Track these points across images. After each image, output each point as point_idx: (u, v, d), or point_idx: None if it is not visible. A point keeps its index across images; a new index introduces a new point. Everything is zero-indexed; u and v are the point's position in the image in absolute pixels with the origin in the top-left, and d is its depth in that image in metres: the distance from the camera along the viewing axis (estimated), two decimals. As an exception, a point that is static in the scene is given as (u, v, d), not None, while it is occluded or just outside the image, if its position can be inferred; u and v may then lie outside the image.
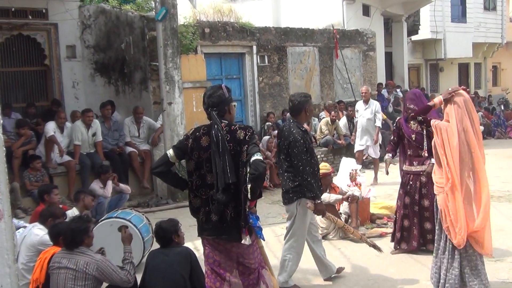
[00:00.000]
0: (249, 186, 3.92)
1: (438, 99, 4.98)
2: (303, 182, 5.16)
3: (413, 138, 6.24)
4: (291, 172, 5.30)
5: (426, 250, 6.36)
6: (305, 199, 5.25)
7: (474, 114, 4.93)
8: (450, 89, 5.04)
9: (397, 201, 6.64)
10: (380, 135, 11.29)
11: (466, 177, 4.84)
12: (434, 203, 5.20)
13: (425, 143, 6.10)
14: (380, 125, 11.16)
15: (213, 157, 4.01)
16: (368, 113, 11.11)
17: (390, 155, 6.69)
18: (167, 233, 4.82)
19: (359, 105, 11.43)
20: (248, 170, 3.94)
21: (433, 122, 4.96)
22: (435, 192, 5.11)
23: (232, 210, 4.06)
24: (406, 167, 6.42)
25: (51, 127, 9.24)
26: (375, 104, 11.20)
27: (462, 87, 5.11)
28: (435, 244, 5.20)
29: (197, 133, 4.20)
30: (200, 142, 4.15)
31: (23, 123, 9.33)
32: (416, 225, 6.38)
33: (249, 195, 3.97)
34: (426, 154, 6.10)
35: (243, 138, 4.05)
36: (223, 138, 4.00)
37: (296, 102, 5.42)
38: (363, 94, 11.21)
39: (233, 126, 4.14)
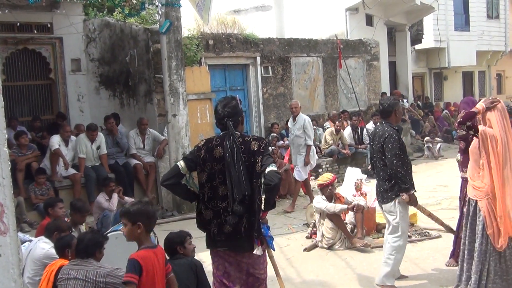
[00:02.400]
0: (263, 197, 3.91)
1: (481, 106, 5.06)
2: (397, 175, 5.37)
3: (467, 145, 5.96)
4: (386, 172, 5.49)
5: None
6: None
7: (508, 120, 5.06)
8: (490, 98, 5.14)
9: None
10: (315, 155, 10.26)
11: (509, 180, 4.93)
12: (471, 208, 5.21)
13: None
14: (311, 143, 9.92)
15: (228, 169, 3.98)
16: (295, 129, 9.87)
17: (459, 154, 6.29)
18: (172, 244, 4.87)
19: (290, 122, 10.32)
20: (262, 181, 3.92)
21: (481, 128, 5.02)
22: (474, 197, 5.14)
23: (246, 221, 4.03)
24: (462, 174, 6.12)
25: (55, 141, 9.27)
26: (303, 119, 9.85)
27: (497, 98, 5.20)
28: (462, 247, 5.25)
29: (209, 144, 4.16)
30: (213, 153, 4.11)
31: (20, 133, 9.37)
32: None
33: (262, 206, 3.96)
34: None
35: (257, 149, 4.02)
36: (238, 149, 3.97)
37: (386, 105, 5.68)
38: (292, 109, 10.03)
39: (246, 137, 4.11)
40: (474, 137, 5.16)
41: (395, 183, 5.43)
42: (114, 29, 11.16)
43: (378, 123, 5.86)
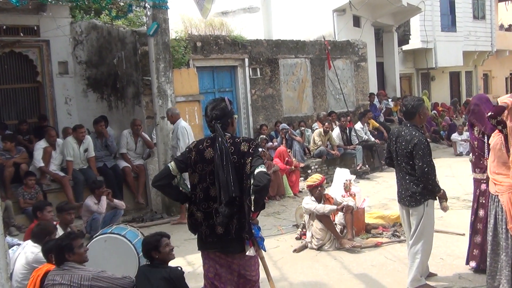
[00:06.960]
0: (252, 197, 3.91)
1: (509, 100, 5.01)
2: (428, 182, 5.32)
3: (476, 145, 5.88)
4: (414, 176, 5.41)
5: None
6: (432, 200, 5.45)
7: None
8: None
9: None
10: None
11: None
12: (493, 204, 5.22)
13: (486, 151, 5.74)
14: None
15: (217, 170, 3.98)
16: (172, 139, 9.41)
17: (470, 154, 6.15)
18: (148, 250, 4.72)
19: None
20: (252, 182, 3.93)
21: (509, 123, 5.00)
22: (495, 192, 5.15)
23: (237, 222, 4.03)
24: (475, 175, 5.98)
25: (40, 154, 9.12)
26: (177, 127, 9.15)
27: None
28: (492, 241, 5.23)
29: (200, 146, 4.17)
30: (203, 155, 4.12)
31: (6, 138, 9.30)
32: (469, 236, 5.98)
33: (252, 207, 3.96)
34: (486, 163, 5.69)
35: (247, 150, 4.03)
36: (227, 151, 3.98)
37: (409, 106, 5.53)
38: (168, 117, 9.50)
39: (237, 139, 4.11)
40: (497, 134, 5.12)
41: (424, 187, 5.37)
42: (102, 31, 11.11)
43: (403, 124, 5.66)
